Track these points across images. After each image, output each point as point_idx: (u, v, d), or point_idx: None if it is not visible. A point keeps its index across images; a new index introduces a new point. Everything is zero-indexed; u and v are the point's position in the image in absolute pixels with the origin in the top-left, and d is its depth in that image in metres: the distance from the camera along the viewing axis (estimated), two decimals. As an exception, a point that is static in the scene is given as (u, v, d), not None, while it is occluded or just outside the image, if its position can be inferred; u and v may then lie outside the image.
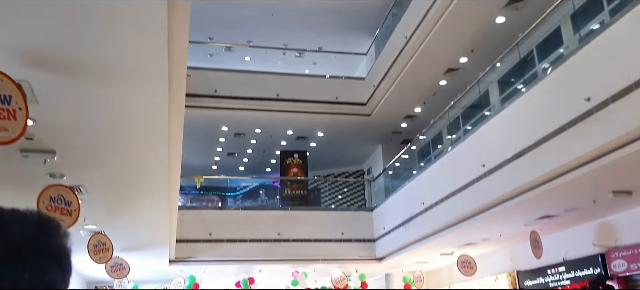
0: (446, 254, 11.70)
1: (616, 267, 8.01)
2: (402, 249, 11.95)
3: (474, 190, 8.29)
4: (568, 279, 9.10)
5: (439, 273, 14.05)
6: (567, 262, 9.19)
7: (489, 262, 11.39)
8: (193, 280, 13.17)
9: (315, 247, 13.36)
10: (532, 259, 9.21)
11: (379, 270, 14.57)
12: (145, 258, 11.41)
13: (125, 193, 6.84)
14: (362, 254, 13.62)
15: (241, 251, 12.91)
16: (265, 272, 14.06)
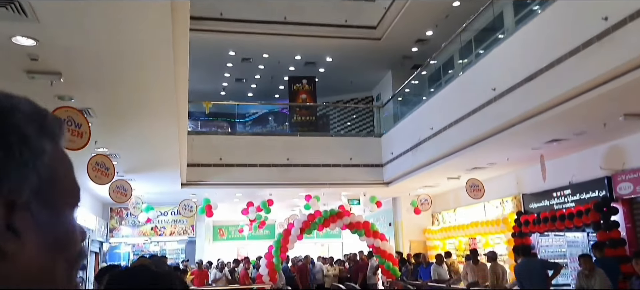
0: (453, 178, 11.83)
1: (622, 189, 8.06)
2: (409, 174, 12.09)
3: (483, 114, 8.23)
4: (573, 202, 9.20)
5: (445, 196, 14.28)
6: (573, 185, 9.26)
7: (494, 185, 11.51)
8: (207, 202, 13.50)
9: (324, 171, 13.55)
10: (538, 182, 9.29)
11: (386, 194, 14.83)
12: (157, 181, 11.68)
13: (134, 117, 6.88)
14: (370, 179, 13.81)
15: (251, 175, 13.14)
16: (275, 196, 14.37)
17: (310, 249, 17.12)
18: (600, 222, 8.06)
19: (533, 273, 7.35)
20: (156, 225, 15.19)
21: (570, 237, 10.24)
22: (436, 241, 14.68)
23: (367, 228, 12.98)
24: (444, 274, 10.69)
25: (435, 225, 15.02)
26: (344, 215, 13.04)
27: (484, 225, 11.95)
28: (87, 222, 11.39)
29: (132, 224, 14.81)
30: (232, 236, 19.98)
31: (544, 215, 9.43)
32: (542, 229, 9.62)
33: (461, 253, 13.53)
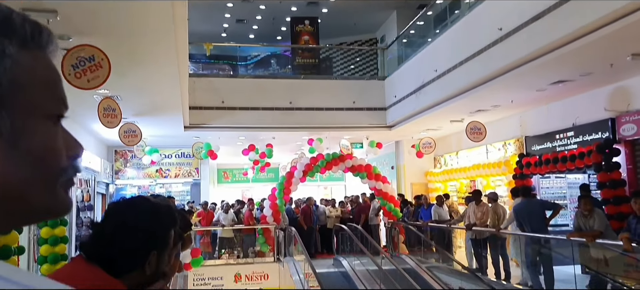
0: (456, 121, 11.79)
1: (625, 131, 8.02)
2: (412, 117, 12.06)
3: (489, 55, 8.10)
4: (575, 144, 9.19)
5: (447, 139, 14.30)
6: (576, 127, 9.22)
7: (498, 128, 11.49)
8: (208, 147, 13.58)
9: (326, 115, 13.53)
10: (541, 125, 9.28)
11: (389, 138, 14.85)
12: (160, 124, 11.70)
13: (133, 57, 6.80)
14: (373, 122, 13.80)
15: (254, 119, 13.14)
16: (278, 139, 14.42)
17: (314, 192, 17.36)
18: (602, 164, 8.07)
19: (532, 213, 7.44)
20: (161, 168, 15.36)
21: (571, 178, 10.32)
22: (438, 184, 14.83)
23: (369, 171, 13.08)
24: (444, 215, 10.85)
25: (437, 168, 15.13)
26: (346, 159, 13.12)
27: (486, 167, 12.02)
28: (92, 164, 11.51)
29: (136, 166, 14.98)
30: (237, 179, 20.23)
31: (546, 157, 9.45)
32: (543, 171, 9.66)
33: (462, 195, 13.69)
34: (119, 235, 1.33)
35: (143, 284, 1.38)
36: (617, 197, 7.75)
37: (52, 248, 6.79)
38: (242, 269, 11.68)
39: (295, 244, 11.20)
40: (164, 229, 1.43)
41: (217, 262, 12.19)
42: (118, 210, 1.42)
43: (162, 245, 1.41)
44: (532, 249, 7.70)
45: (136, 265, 1.35)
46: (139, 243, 1.35)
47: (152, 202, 1.47)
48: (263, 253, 12.48)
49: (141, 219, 1.38)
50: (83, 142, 2.20)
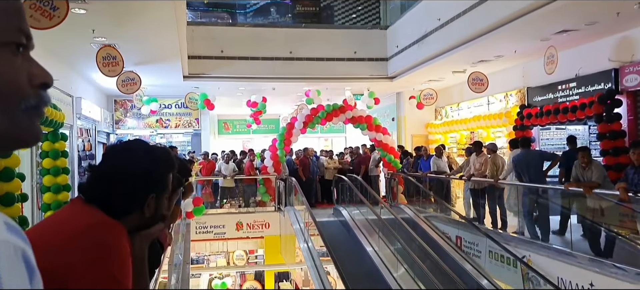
0: (458, 72, 11.68)
1: (628, 81, 7.95)
2: (414, 67, 11.93)
3: (494, 3, 7.93)
4: (577, 95, 9.13)
5: (449, 91, 14.20)
6: (579, 78, 9.13)
7: (500, 79, 11.39)
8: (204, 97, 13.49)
9: (327, 66, 13.40)
10: (544, 76, 9.16)
11: (390, 89, 14.75)
12: (159, 74, 11.61)
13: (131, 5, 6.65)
14: (374, 73, 13.68)
15: (253, 69, 13.02)
16: (278, 90, 14.34)
17: (315, 144, 17.40)
18: (603, 115, 8.04)
19: (531, 164, 7.47)
20: (161, 118, 15.35)
21: (571, 130, 10.31)
22: (438, 135, 14.84)
23: (369, 122, 13.05)
24: (443, 166, 10.91)
25: (438, 120, 15.11)
26: (347, 110, 13.07)
27: (487, 119, 11.99)
28: (92, 113, 11.49)
29: (136, 116, 14.96)
30: (237, 130, 20.26)
31: (547, 108, 9.40)
32: (544, 122, 9.64)
33: (462, 146, 13.72)
34: (116, 178, 1.34)
35: (142, 227, 1.39)
36: (616, 148, 7.75)
37: (56, 196, 6.86)
38: (243, 218, 11.83)
39: (296, 194, 11.31)
40: (162, 171, 1.43)
41: (218, 211, 12.35)
42: (116, 152, 1.42)
43: (160, 188, 1.41)
44: (529, 199, 7.78)
45: (134, 208, 1.36)
46: (137, 185, 1.35)
47: (149, 144, 1.47)
48: (264, 203, 12.62)
49: (139, 161, 1.38)
50: (82, 91, 2.19)
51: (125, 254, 1.25)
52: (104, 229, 1.25)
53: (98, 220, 1.27)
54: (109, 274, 1.19)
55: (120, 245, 1.25)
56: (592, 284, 5.72)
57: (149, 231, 1.41)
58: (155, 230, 1.43)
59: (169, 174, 1.45)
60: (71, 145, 9.66)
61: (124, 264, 1.24)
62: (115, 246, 1.23)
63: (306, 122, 12.78)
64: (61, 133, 7.18)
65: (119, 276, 1.20)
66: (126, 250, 1.26)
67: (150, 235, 1.42)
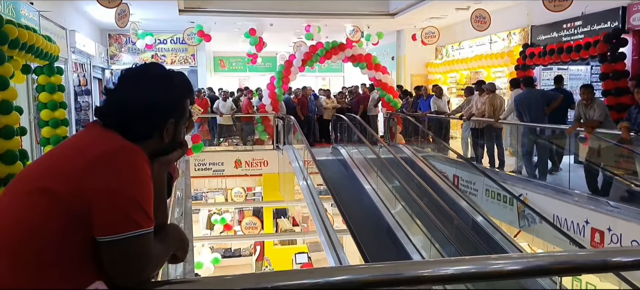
0: (461, 9, 11.42)
1: (635, 20, 7.78)
2: (417, 4, 11.64)
3: None
4: (582, 34, 8.96)
5: (450, 29, 13.94)
6: (585, 16, 8.94)
7: (504, 17, 11.14)
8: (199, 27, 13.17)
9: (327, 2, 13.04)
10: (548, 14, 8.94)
11: (391, 27, 14.47)
12: (154, 7, 11.29)
13: None
14: (375, 10, 13.36)
15: (251, 3, 12.66)
16: (276, 26, 14.03)
17: (312, 83, 17.24)
18: (607, 54, 7.92)
19: (532, 103, 7.43)
20: (156, 53, 15.07)
21: (573, 70, 10.20)
22: (438, 75, 14.70)
23: (369, 61, 12.87)
24: (443, 106, 10.86)
25: (438, 59, 14.91)
26: (346, 48, 12.85)
27: (488, 58, 11.83)
28: (87, 47, 11.25)
29: (131, 51, 14.66)
30: (233, 67, 20.02)
31: (551, 47, 9.25)
32: (546, 62, 9.51)
33: (461, 86, 13.63)
34: (136, 102, 1.30)
35: (160, 153, 1.37)
36: (618, 89, 7.70)
37: (54, 130, 6.81)
38: (242, 156, 11.89)
39: (294, 133, 11.31)
40: (181, 96, 1.39)
41: (217, 149, 12.39)
42: (133, 76, 1.36)
43: (179, 114, 1.38)
44: (528, 139, 7.79)
45: (153, 133, 1.33)
46: (157, 110, 1.32)
47: (166, 68, 1.42)
48: (262, 141, 12.64)
49: (159, 85, 1.34)
50: (76, 25, 2.10)
51: (147, 179, 1.23)
52: (126, 153, 1.22)
53: (120, 144, 1.24)
54: (131, 198, 1.17)
55: (143, 170, 1.22)
56: (587, 221, 5.83)
57: (168, 157, 1.39)
58: (174, 156, 1.41)
59: (186, 100, 1.41)
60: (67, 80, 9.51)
61: (146, 189, 1.22)
62: (138, 170, 1.21)
63: (305, 60, 12.59)
64: (57, 67, 7.04)
65: (141, 200, 1.19)
66: (148, 175, 1.24)
67: (169, 161, 1.40)
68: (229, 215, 14.06)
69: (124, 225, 1.15)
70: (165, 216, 1.40)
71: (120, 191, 1.16)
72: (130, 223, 1.15)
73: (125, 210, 1.16)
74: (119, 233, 1.14)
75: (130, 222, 1.15)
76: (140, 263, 1.18)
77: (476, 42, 12.86)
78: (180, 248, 1.38)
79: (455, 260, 1.21)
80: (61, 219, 1.14)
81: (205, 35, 13.25)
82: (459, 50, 13.84)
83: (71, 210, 1.15)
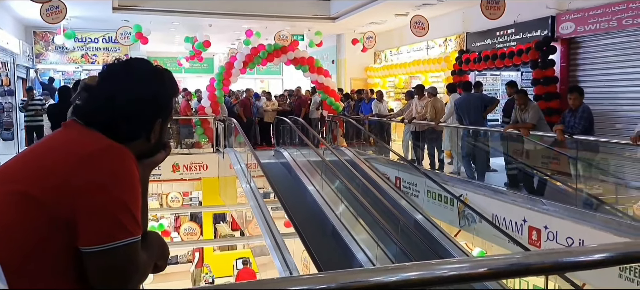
0: (400, 15, 11.69)
1: (563, 29, 8.30)
2: (358, 9, 11.79)
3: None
4: (515, 41, 9.45)
5: (389, 34, 14.25)
6: (517, 25, 9.43)
7: (440, 23, 11.54)
8: (138, 29, 12.64)
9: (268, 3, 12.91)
10: (482, 21, 9.37)
11: (331, 30, 14.56)
12: (86, 3, 10.67)
13: None
14: (316, 13, 13.39)
15: (190, 3, 12.30)
16: (215, 27, 13.72)
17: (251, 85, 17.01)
18: (538, 61, 8.39)
19: (471, 107, 7.72)
20: (87, 53, 14.25)
21: (505, 75, 10.72)
22: (377, 79, 14.98)
23: (311, 64, 12.89)
24: (383, 110, 11.07)
25: (377, 64, 15.20)
26: (289, 50, 12.79)
27: (426, 63, 12.20)
28: (10, 45, 10.43)
29: (59, 50, 13.77)
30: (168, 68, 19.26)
31: (485, 53, 9.68)
32: (481, 67, 9.94)
33: (400, 90, 13.97)
34: (123, 100, 1.18)
35: (145, 154, 1.26)
36: (548, 94, 8.16)
37: None
38: (179, 159, 11.47)
39: (236, 135, 11.08)
40: (169, 94, 1.30)
41: (153, 152, 11.89)
42: (118, 73, 1.25)
43: (167, 113, 1.29)
44: (467, 141, 8.08)
45: (140, 133, 1.22)
46: (146, 109, 1.22)
47: (152, 64, 1.31)
48: (200, 144, 12.29)
49: (147, 82, 1.23)
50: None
51: (137, 182, 1.12)
52: (115, 153, 1.11)
53: (108, 143, 1.12)
54: (121, 202, 1.06)
55: (132, 172, 1.11)
56: (524, 220, 6.11)
57: (153, 159, 1.29)
58: (160, 158, 1.32)
59: (173, 98, 1.33)
60: (-13, 79, 8.78)
61: (136, 193, 1.11)
62: (128, 172, 1.10)
63: (246, 62, 12.41)
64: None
65: (131, 205, 1.08)
66: (137, 177, 1.13)
67: (155, 163, 1.30)
68: (166, 222, 13.56)
69: (114, 232, 1.04)
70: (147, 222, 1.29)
71: (109, 194, 1.05)
72: (121, 230, 1.05)
73: (115, 216, 1.05)
74: (108, 242, 1.03)
75: (120, 229, 1.05)
76: (128, 274, 1.07)
77: (414, 48, 13.23)
78: (162, 256, 1.27)
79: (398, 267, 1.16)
80: (41, 228, 1.02)
81: (142, 37, 12.69)
82: (397, 55, 14.18)
83: (53, 217, 1.03)
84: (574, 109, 5.79)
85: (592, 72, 8.21)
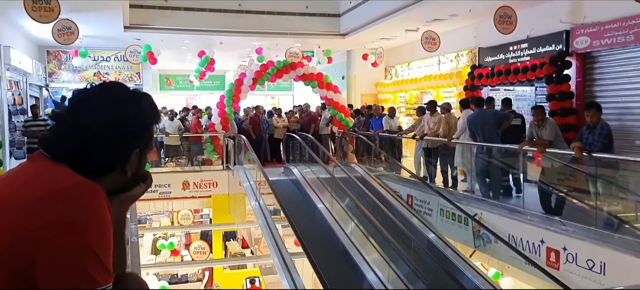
0: (411, 31, 11.59)
1: (578, 43, 8.13)
2: (368, 25, 11.72)
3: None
4: (528, 56, 9.28)
5: (400, 50, 14.15)
6: (531, 39, 9.27)
7: (452, 39, 11.41)
8: (148, 48, 12.69)
9: (277, 20, 12.94)
10: (495, 36, 9.23)
11: (341, 47, 14.52)
12: (97, 22, 10.74)
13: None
14: (326, 29, 13.36)
15: (200, 21, 12.36)
16: (226, 44, 13.74)
17: (262, 102, 16.99)
18: (553, 76, 8.20)
19: (485, 123, 7.54)
20: (99, 71, 14.36)
21: (519, 90, 10.52)
22: (387, 94, 14.85)
23: (320, 80, 12.80)
24: (394, 126, 10.92)
25: (388, 79, 15.08)
26: (298, 66, 12.73)
27: (437, 78, 12.05)
28: (23, 64, 10.50)
29: (72, 69, 13.88)
30: (180, 86, 19.46)
31: (498, 68, 9.52)
32: (494, 83, 9.77)
33: (411, 106, 13.81)
34: (96, 129, 1.04)
35: (121, 188, 1.12)
36: (564, 109, 7.96)
37: None
38: (190, 177, 11.40)
39: (245, 152, 11.00)
40: (150, 122, 1.16)
41: (163, 170, 11.85)
42: (92, 97, 1.10)
43: (145, 141, 1.15)
44: (482, 158, 7.89)
45: (114, 166, 1.08)
46: (121, 138, 1.08)
47: (130, 89, 1.17)
48: (211, 161, 12.22)
49: (123, 108, 1.09)
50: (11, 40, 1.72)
51: (107, 224, 0.99)
52: (83, 191, 0.98)
53: (75, 180, 0.99)
54: (87, 248, 0.93)
55: (103, 213, 0.98)
56: (542, 241, 5.89)
57: (130, 193, 1.15)
58: (137, 192, 1.17)
59: (153, 125, 1.18)
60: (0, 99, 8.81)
61: (106, 236, 0.98)
62: (97, 213, 0.97)
63: (256, 79, 12.35)
64: (-13, 84, 6.48)
65: (99, 251, 0.94)
66: (108, 218, 1.00)
67: (132, 198, 1.16)
68: (176, 240, 13.46)
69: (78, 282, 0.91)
70: (124, 264, 1.15)
71: (74, 240, 0.92)
72: (86, 279, 0.92)
73: (80, 264, 0.92)
74: None
75: (85, 278, 0.92)
76: None
77: (425, 63, 13.10)
78: None
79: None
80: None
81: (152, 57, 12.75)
82: (408, 71, 14.05)
83: (9, 266, 0.90)
84: (592, 126, 5.60)
85: (610, 87, 8.00)
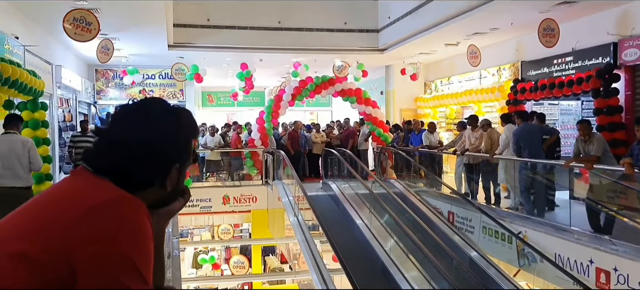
0: (451, 45, 11.47)
1: (627, 56, 7.82)
2: (407, 39, 11.67)
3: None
4: (573, 69, 9.00)
5: (439, 64, 14.01)
6: (576, 52, 8.99)
7: (493, 53, 11.21)
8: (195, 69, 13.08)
9: (316, 36, 13.07)
10: (538, 49, 8.99)
11: (379, 62, 14.49)
12: (143, 42, 11.15)
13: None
14: (365, 45, 13.39)
15: (241, 39, 12.62)
16: (266, 61, 13.97)
17: (300, 117, 17.13)
18: (600, 89, 7.92)
19: (533, 138, 7.34)
20: (144, 89, 14.86)
21: (564, 105, 10.21)
22: (427, 109, 14.69)
23: (359, 95, 12.81)
24: (434, 142, 10.77)
25: (427, 94, 14.93)
26: (336, 82, 12.79)
27: (479, 93, 11.84)
28: (72, 82, 11.01)
29: (119, 86, 14.44)
30: (222, 102, 19.86)
31: (542, 82, 9.26)
32: (538, 97, 9.51)
33: (451, 121, 13.61)
34: (137, 145, 1.08)
35: (160, 203, 1.15)
36: (612, 124, 7.66)
37: (34, 132, 6.56)
38: (230, 192, 11.59)
39: (284, 167, 11.09)
40: (189, 137, 1.18)
41: (204, 185, 12.09)
42: (133, 113, 1.14)
43: (185, 157, 1.17)
44: (526, 175, 7.67)
45: (154, 180, 1.11)
46: (162, 153, 1.10)
47: (168, 104, 1.20)
48: (250, 176, 12.38)
49: (163, 124, 1.12)
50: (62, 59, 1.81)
51: (148, 237, 1.01)
52: (125, 205, 1.00)
53: (117, 194, 1.01)
54: (128, 260, 0.95)
55: (144, 226, 1.00)
56: (591, 261, 5.65)
57: (169, 208, 1.17)
58: (176, 207, 1.19)
59: (192, 141, 1.20)
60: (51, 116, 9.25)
61: (146, 249, 1.00)
62: (138, 227, 0.99)
63: (294, 95, 12.49)
64: (41, 102, 6.82)
65: (139, 264, 0.96)
66: (149, 232, 1.02)
67: (171, 212, 1.18)
68: (216, 254, 13.65)
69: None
70: (163, 277, 1.18)
71: (114, 252, 0.94)
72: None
73: (119, 276, 0.93)
74: None
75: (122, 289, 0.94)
76: None
77: (465, 77, 12.90)
78: None
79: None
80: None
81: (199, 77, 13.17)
82: (448, 85, 13.88)
83: (51, 278, 0.92)
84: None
85: (662, 100, 7.65)
